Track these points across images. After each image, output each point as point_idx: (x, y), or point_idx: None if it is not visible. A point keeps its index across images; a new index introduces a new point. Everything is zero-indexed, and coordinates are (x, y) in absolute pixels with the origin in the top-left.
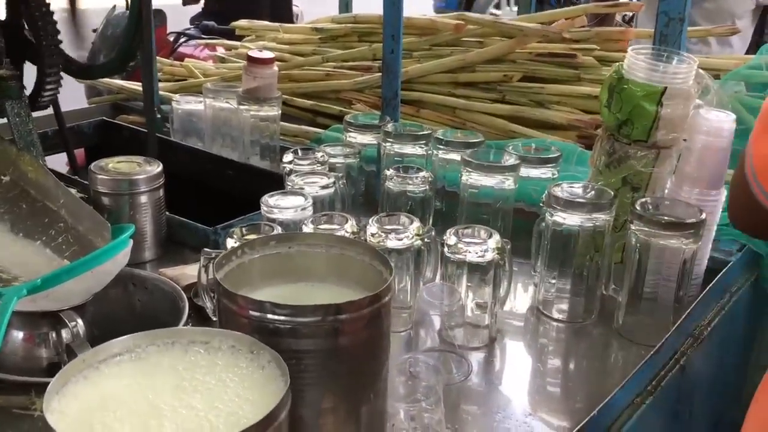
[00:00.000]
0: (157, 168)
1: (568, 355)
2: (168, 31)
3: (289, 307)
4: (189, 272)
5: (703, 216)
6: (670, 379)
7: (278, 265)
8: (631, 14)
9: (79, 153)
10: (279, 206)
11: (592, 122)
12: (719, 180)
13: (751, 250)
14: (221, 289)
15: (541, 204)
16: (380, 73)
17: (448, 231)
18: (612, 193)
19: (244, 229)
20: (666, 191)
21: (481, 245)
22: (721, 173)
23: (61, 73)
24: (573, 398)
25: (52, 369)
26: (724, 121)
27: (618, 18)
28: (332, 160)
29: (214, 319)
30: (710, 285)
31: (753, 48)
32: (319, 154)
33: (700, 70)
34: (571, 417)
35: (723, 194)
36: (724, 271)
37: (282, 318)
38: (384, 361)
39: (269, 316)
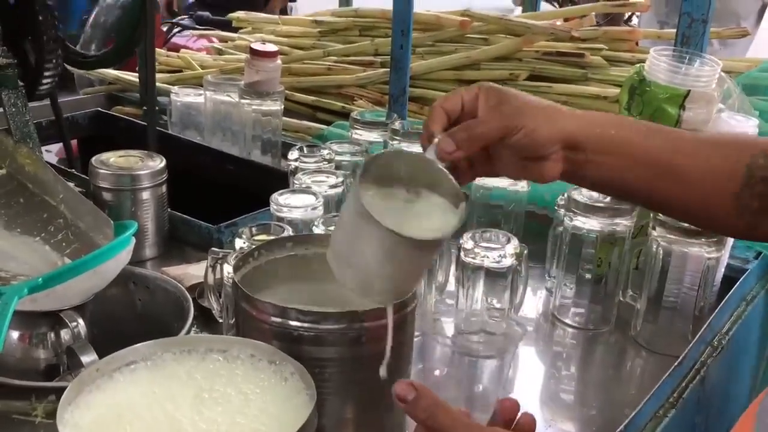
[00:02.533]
0: (160, 163)
1: (585, 363)
2: (161, 21)
3: (313, 313)
4: (193, 272)
5: None
6: (690, 391)
7: (295, 267)
8: (628, 15)
9: (72, 145)
10: (289, 205)
11: None
12: None
13: (767, 257)
14: (240, 292)
15: (555, 208)
16: (383, 69)
17: (465, 234)
18: None
19: (253, 228)
20: None
21: (499, 250)
22: None
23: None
24: (591, 408)
25: (51, 371)
26: (746, 125)
27: None
28: (338, 157)
29: (220, 320)
30: (729, 293)
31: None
32: (325, 152)
33: (722, 73)
34: (590, 427)
35: None
36: (742, 279)
37: (306, 325)
38: (407, 370)
39: (292, 322)
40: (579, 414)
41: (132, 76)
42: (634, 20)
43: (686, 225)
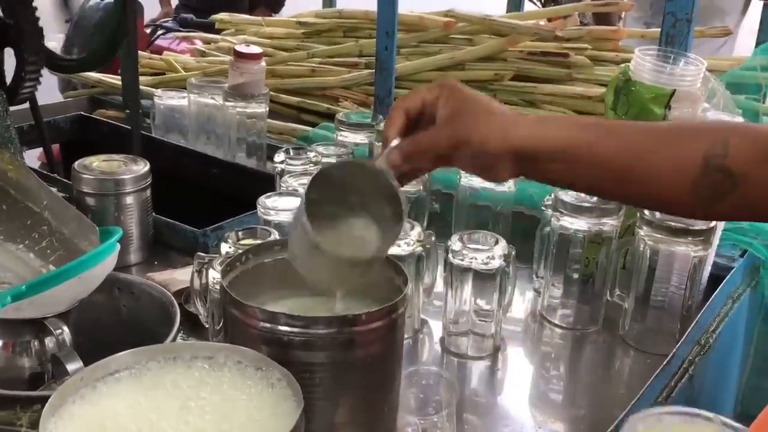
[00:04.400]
0: (144, 167)
1: (574, 363)
2: (144, 23)
3: (303, 318)
4: (178, 277)
5: (713, 222)
6: (679, 390)
7: (282, 271)
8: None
9: (54, 149)
10: (277, 208)
11: None
12: None
13: (752, 255)
14: (228, 297)
15: (542, 208)
16: (368, 70)
17: (453, 236)
18: None
19: (239, 233)
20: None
21: (487, 252)
22: None
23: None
24: (580, 408)
25: (35, 380)
26: None
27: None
28: (325, 159)
29: (207, 326)
30: (716, 292)
31: None
32: (311, 154)
33: (707, 73)
34: (579, 427)
35: None
36: (728, 277)
37: (295, 330)
38: (397, 374)
39: (281, 327)
40: (568, 414)
41: (114, 79)
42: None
43: (673, 224)
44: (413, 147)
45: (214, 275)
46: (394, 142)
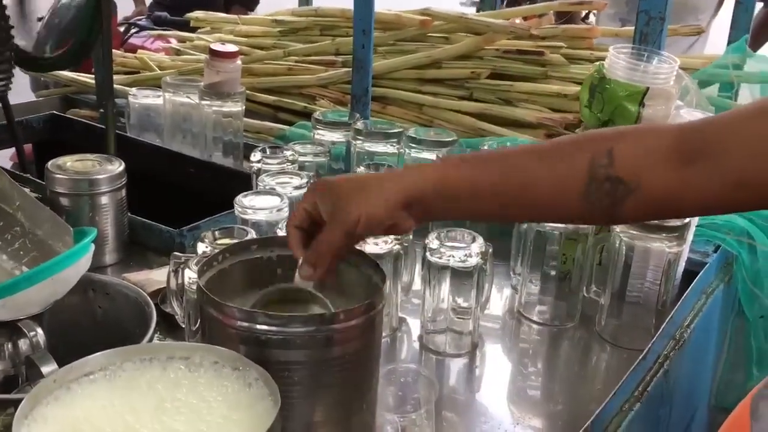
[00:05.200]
0: (119, 167)
1: (551, 360)
2: (117, 21)
3: (281, 317)
4: (155, 277)
5: (687, 219)
6: (654, 384)
7: (260, 270)
8: (584, 12)
9: (26, 149)
10: (254, 207)
11: (561, 120)
12: None
13: (725, 250)
14: (205, 297)
15: None
16: (345, 68)
17: (430, 234)
18: None
19: (216, 232)
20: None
21: (464, 249)
22: None
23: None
24: (558, 403)
25: (9, 383)
26: None
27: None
28: (302, 158)
29: (183, 326)
30: (690, 287)
31: None
32: (288, 153)
33: (680, 70)
34: (556, 423)
35: None
36: (702, 272)
37: (273, 329)
38: (375, 371)
39: (259, 326)
40: (546, 410)
41: (88, 78)
42: (591, 18)
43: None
44: (317, 255)
45: (190, 275)
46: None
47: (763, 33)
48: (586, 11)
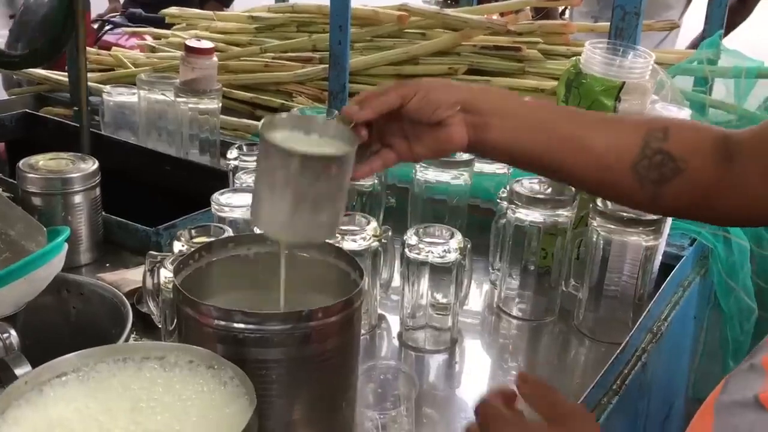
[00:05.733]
0: (92, 165)
1: (531, 354)
2: (91, 18)
3: (258, 315)
4: (130, 277)
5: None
6: (633, 377)
7: (237, 268)
8: (563, 8)
9: None
10: (231, 204)
11: None
12: None
13: (701, 243)
14: (182, 296)
15: (497, 200)
16: (322, 65)
17: (409, 230)
18: (573, 189)
19: (192, 231)
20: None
21: (443, 245)
22: None
23: None
24: None
25: None
26: (680, 115)
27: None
28: None
29: (160, 326)
30: (667, 280)
31: None
32: None
33: (655, 65)
34: (536, 417)
35: None
36: (678, 266)
37: (251, 327)
38: (354, 369)
39: (236, 325)
40: (525, 405)
41: (61, 76)
42: (567, 14)
43: (625, 214)
44: (365, 99)
45: (166, 274)
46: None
47: (730, 25)
48: (563, 8)
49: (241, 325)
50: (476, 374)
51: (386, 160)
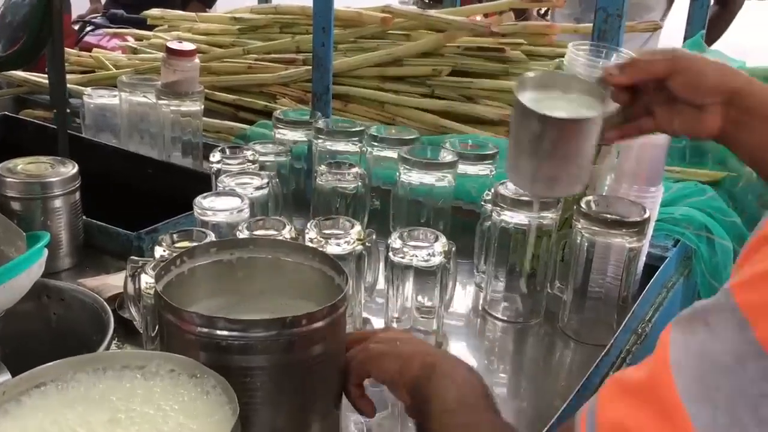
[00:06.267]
0: (72, 169)
1: (516, 356)
2: (72, 19)
3: (241, 322)
4: (112, 282)
5: (647, 214)
6: None
7: (220, 273)
8: (545, 9)
9: None
10: (214, 208)
11: None
12: (657, 176)
13: (684, 244)
14: (163, 302)
15: (481, 203)
16: (305, 66)
17: (393, 234)
18: None
19: (174, 235)
20: (606, 188)
21: (427, 249)
22: (660, 169)
23: None
24: (523, 400)
25: None
26: None
27: (533, 14)
28: (262, 158)
29: (141, 332)
30: (651, 281)
31: None
32: (248, 153)
33: None
34: (522, 419)
35: (661, 190)
36: (662, 267)
37: (234, 334)
38: (340, 374)
39: (219, 332)
40: (511, 407)
41: (41, 78)
42: (549, 15)
43: (609, 216)
44: (631, 62)
45: (147, 280)
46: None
47: (715, 31)
48: (545, 10)
49: (224, 332)
50: None
51: (643, 127)
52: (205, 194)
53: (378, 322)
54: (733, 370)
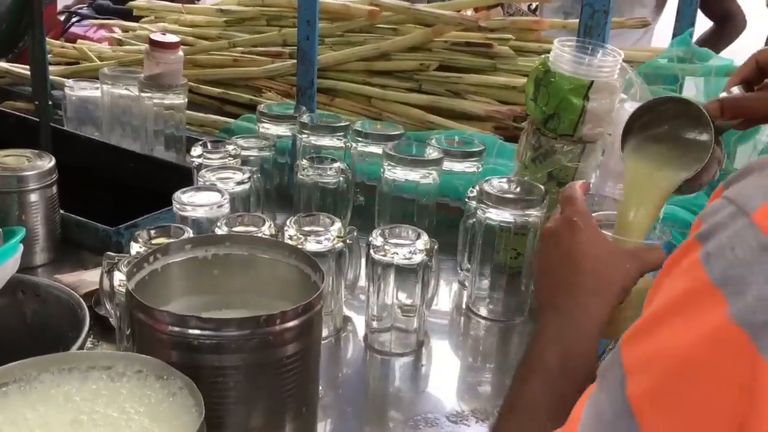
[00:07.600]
0: (49, 162)
1: (500, 354)
2: (58, 10)
3: (214, 321)
4: (88, 278)
5: None
6: None
7: (195, 271)
8: (535, 5)
9: None
10: (193, 203)
11: (509, 113)
12: None
13: (669, 243)
14: (134, 301)
15: (466, 199)
16: (291, 60)
17: (374, 231)
18: (543, 188)
19: (152, 231)
20: (591, 186)
21: (409, 246)
22: None
23: None
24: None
25: None
26: None
27: (524, 8)
28: (245, 152)
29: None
30: None
31: None
32: (230, 147)
33: (624, 64)
34: None
35: None
36: None
37: (207, 333)
38: (315, 374)
39: (191, 331)
40: (496, 405)
41: (23, 69)
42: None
43: (593, 214)
44: (735, 103)
45: (120, 277)
46: (734, 90)
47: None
48: (536, 4)
49: (197, 331)
50: (444, 376)
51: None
52: (184, 189)
53: (359, 320)
54: (613, 426)
